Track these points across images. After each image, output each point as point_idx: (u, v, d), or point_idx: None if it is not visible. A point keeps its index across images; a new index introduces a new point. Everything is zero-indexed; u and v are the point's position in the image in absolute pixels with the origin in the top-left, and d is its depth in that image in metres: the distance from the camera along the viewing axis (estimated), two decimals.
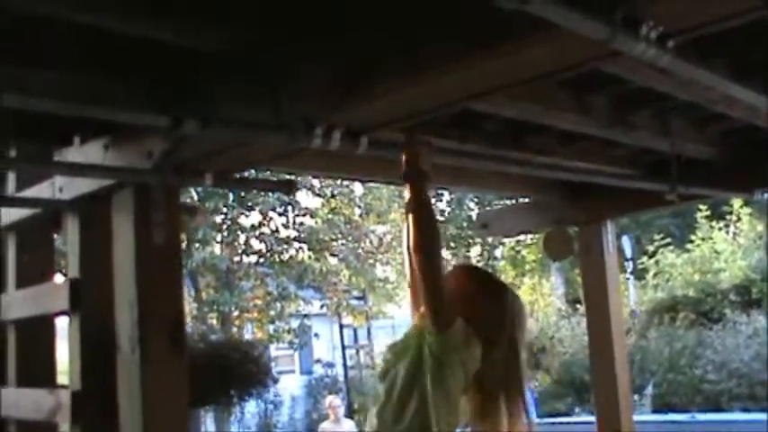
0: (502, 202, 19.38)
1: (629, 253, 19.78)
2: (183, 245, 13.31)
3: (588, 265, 5.90)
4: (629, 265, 19.67)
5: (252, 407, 18.00)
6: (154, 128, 2.69)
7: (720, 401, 15.09)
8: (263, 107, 2.52)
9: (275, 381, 13.83)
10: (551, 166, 4.34)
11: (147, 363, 3.07)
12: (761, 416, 13.28)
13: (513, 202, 6.78)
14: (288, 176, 3.73)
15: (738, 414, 14.03)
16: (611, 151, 4.79)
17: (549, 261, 22.91)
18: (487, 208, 15.74)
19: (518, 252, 22.73)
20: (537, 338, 18.05)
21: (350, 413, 17.46)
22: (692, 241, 18.98)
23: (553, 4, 1.60)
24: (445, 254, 23.23)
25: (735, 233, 18.89)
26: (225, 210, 13.51)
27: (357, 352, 22.72)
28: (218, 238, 13.87)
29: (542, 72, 2.19)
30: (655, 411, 14.96)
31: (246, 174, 3.49)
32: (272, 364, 13.88)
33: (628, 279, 19.35)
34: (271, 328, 14.35)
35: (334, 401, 12.46)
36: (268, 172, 3.98)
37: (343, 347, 22.20)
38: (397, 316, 24.32)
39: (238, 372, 12.03)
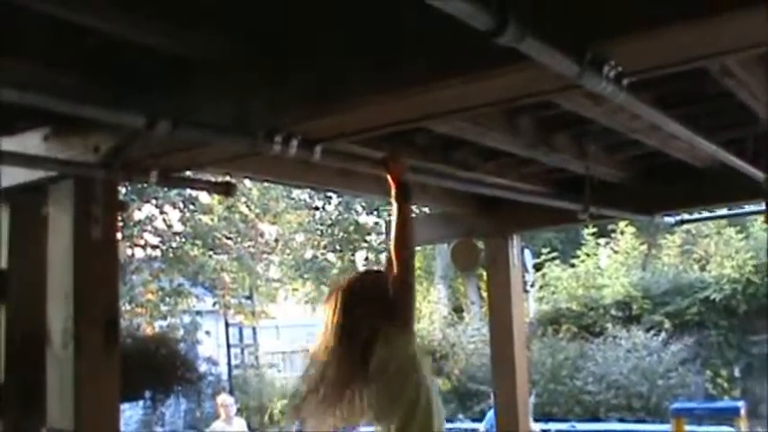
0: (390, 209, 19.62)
1: (530, 266, 20.19)
2: None
3: (494, 276, 6.10)
4: (530, 278, 20.05)
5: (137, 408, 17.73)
6: (102, 123, 2.72)
7: (599, 412, 15.54)
8: (229, 113, 2.59)
9: (201, 377, 13.64)
10: (472, 181, 4.50)
11: (81, 358, 3.08)
12: (637, 426, 13.81)
13: (426, 211, 6.90)
14: (227, 178, 3.79)
15: (615, 424, 14.50)
16: (526, 168, 4.99)
17: (433, 269, 23.24)
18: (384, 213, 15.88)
19: None
20: (440, 345, 18.26)
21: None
22: (577, 256, 19.48)
23: (540, 43, 1.72)
24: (332, 258, 23.36)
25: (618, 251, 19.47)
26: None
27: (242, 351, 22.56)
28: None
29: (507, 99, 2.32)
30: (536, 420, 15.29)
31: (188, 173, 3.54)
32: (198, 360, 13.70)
33: (528, 291, 19.75)
34: (162, 324, 14.16)
35: (226, 400, 12.33)
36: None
37: (229, 346, 22.02)
38: (281, 317, 24.30)
39: (164, 368, 11.85)
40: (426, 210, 6.92)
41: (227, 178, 3.82)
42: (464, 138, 3.89)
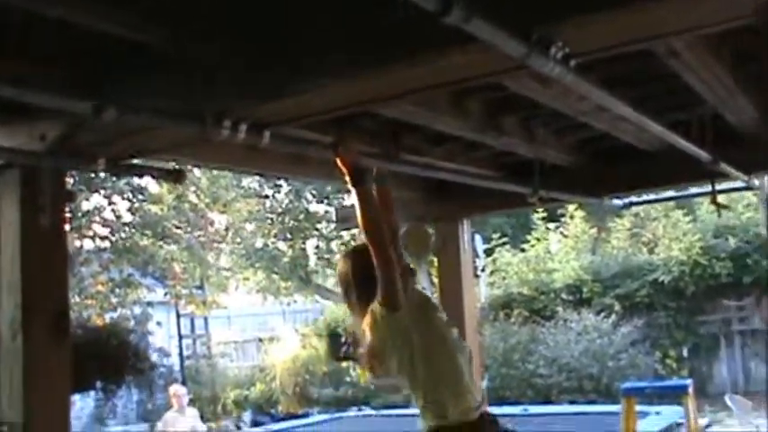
0: (341, 196, 19.59)
1: (480, 251, 20.25)
2: None
3: (445, 261, 6.12)
4: (481, 262, 20.13)
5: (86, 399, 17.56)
6: (48, 110, 2.69)
7: (551, 394, 15.68)
8: (176, 96, 2.56)
9: (153, 367, 13.52)
10: (422, 165, 4.50)
11: (30, 350, 3.03)
12: (588, 407, 13.95)
13: None
14: (176, 166, 3.75)
15: (567, 406, 14.63)
16: (475, 153, 5.01)
17: None
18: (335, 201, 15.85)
19: None
20: None
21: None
22: (527, 241, 19.62)
23: (487, 23, 1.72)
24: (283, 245, 23.25)
25: (567, 235, 19.64)
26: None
27: (194, 341, 22.46)
28: None
29: (455, 80, 2.33)
30: (489, 404, 15.37)
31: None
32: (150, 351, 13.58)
33: (479, 276, 19.83)
34: (112, 315, 14.00)
35: (179, 390, 12.30)
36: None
37: (180, 337, 21.90)
38: (232, 306, 24.19)
39: (116, 359, 11.71)
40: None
41: (176, 165, 3.78)
42: (413, 122, 3.90)
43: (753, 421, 9.81)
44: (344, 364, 19.48)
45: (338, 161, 3.36)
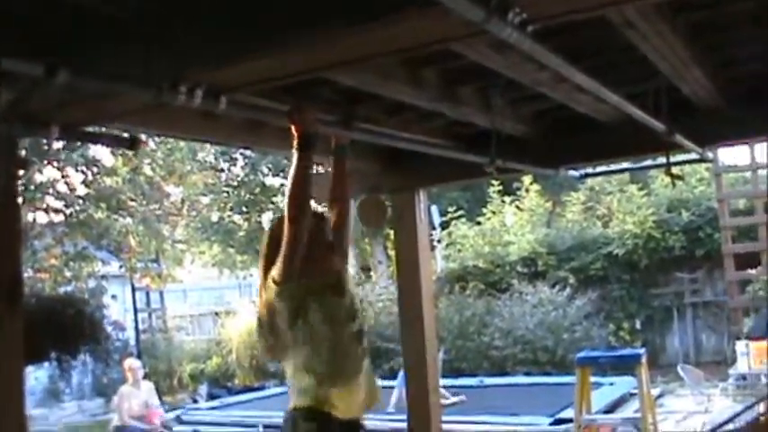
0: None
1: (437, 222, 20.26)
2: None
3: (401, 232, 6.12)
4: (437, 234, 20.16)
5: (41, 373, 17.41)
6: None
7: (506, 366, 15.79)
8: (133, 62, 2.53)
9: (108, 338, 13.35)
10: (378, 134, 4.49)
11: None
12: (542, 379, 14.09)
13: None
14: (132, 134, 3.71)
15: (522, 378, 14.76)
16: (431, 123, 5.01)
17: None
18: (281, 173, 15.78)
19: None
20: None
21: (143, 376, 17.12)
22: (483, 214, 19.69)
23: None
24: (239, 219, 23.15)
25: (523, 208, 19.74)
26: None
27: (149, 315, 22.34)
28: None
29: (413, 46, 2.31)
30: (444, 376, 15.43)
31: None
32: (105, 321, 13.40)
33: (435, 247, 19.86)
34: (66, 289, 13.84)
35: (133, 364, 12.19)
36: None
37: (135, 311, 21.77)
38: (188, 280, 24.07)
39: (71, 329, 11.52)
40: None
41: (131, 133, 3.73)
42: (370, 91, 3.88)
43: (704, 391, 9.97)
44: None
45: (292, 127, 3.36)
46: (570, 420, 8.45)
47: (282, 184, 21.64)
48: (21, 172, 12.37)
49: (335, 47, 2.35)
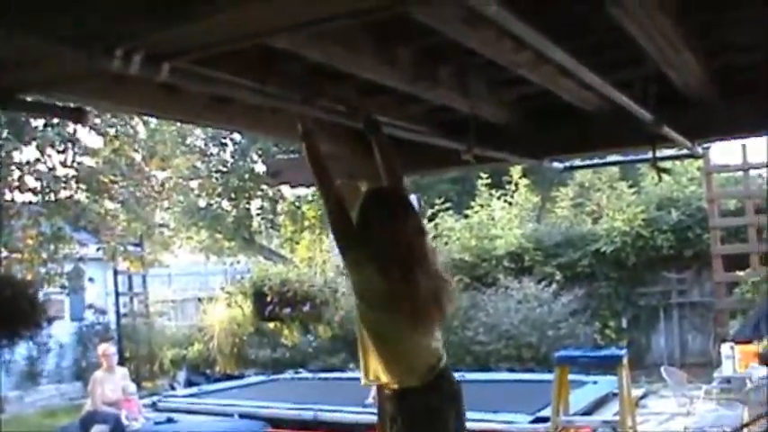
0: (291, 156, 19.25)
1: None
2: None
3: None
4: None
5: (12, 353, 17.18)
6: None
7: (489, 362, 15.65)
8: (66, 24, 2.28)
9: (50, 322, 13.00)
10: (351, 116, 4.25)
11: None
12: (525, 375, 13.93)
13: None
14: (77, 104, 3.46)
15: (505, 374, 14.61)
16: (408, 109, 4.77)
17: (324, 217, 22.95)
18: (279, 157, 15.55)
19: (298, 208, 22.58)
20: (321, 291, 18.14)
21: (122, 361, 16.95)
22: (471, 207, 19.49)
23: None
24: (227, 205, 22.95)
25: (511, 203, 19.54)
26: None
27: (131, 299, 22.10)
28: None
29: (346, 10, 2.08)
30: None
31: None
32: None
33: None
34: (42, 270, 13.57)
35: (108, 349, 11.95)
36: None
37: (117, 294, 21.53)
38: (174, 265, 23.84)
39: (8, 310, 11.10)
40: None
41: (77, 105, 3.47)
42: (342, 70, 3.64)
43: (687, 393, 9.79)
44: (271, 324, 19.30)
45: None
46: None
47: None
48: None
49: (273, 9, 2.12)
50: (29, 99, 3.12)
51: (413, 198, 16.17)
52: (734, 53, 4.38)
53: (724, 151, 20.79)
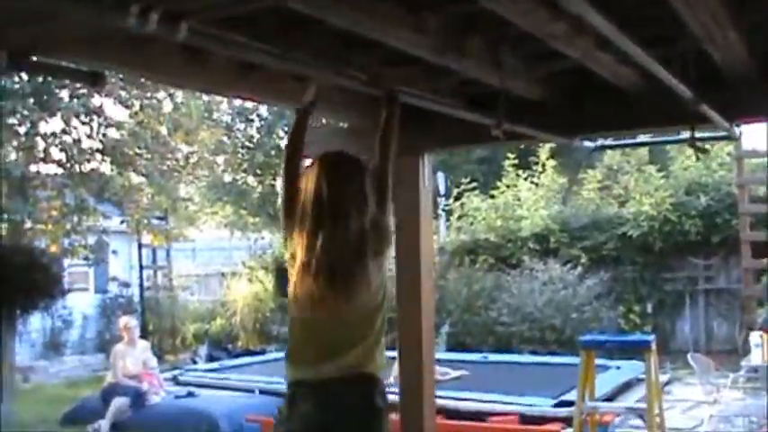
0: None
1: (442, 190, 19.93)
2: None
3: (402, 197, 5.71)
4: (442, 202, 19.85)
5: (37, 323, 17.24)
6: None
7: (512, 343, 15.56)
8: None
9: (64, 293, 12.95)
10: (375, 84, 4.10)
11: None
12: (548, 358, 13.82)
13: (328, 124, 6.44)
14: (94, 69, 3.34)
15: (528, 356, 14.52)
16: (437, 81, 4.63)
17: None
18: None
19: None
20: None
21: (144, 334, 16.99)
22: (497, 188, 19.35)
23: None
24: (253, 181, 22.89)
25: (538, 184, 19.38)
26: (25, 112, 12.56)
27: (155, 273, 22.15)
28: (14, 142, 12.89)
29: None
30: (449, 350, 15.30)
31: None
32: (65, 276, 12.98)
33: (440, 216, 19.56)
34: (66, 242, 13.54)
35: (130, 322, 11.93)
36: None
37: (141, 267, 21.59)
38: (199, 239, 23.85)
39: (22, 280, 11.05)
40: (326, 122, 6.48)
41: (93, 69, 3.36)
42: (367, 36, 3.49)
43: (713, 381, 9.63)
44: None
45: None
46: (574, 403, 8.13)
47: None
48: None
49: None
50: (43, 60, 3.01)
51: (439, 177, 16.06)
52: None
53: (755, 136, 20.46)
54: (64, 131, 13.25)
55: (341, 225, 3.43)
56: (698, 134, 5.09)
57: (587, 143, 5.92)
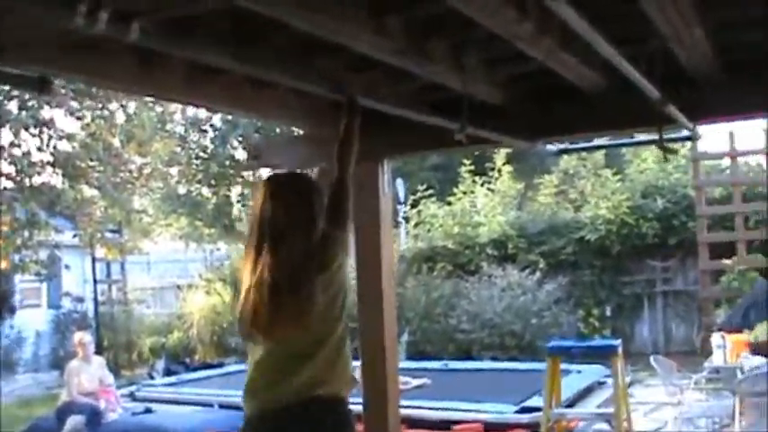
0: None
1: (401, 196, 19.85)
2: None
3: (361, 204, 5.60)
4: (402, 209, 19.78)
5: None
6: None
7: (472, 350, 15.50)
8: None
9: (14, 310, 12.71)
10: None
11: None
12: (509, 364, 13.76)
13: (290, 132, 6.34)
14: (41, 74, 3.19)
15: (489, 363, 14.45)
16: (400, 86, 4.53)
17: None
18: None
19: None
20: None
21: (100, 350, 16.67)
22: (453, 194, 19.32)
23: None
24: (207, 192, 22.66)
25: (495, 190, 19.38)
26: None
27: (109, 287, 21.82)
28: None
29: None
30: (409, 358, 15.19)
31: None
32: (15, 292, 12.73)
33: (400, 223, 19.49)
34: (16, 257, 13.26)
35: (84, 338, 11.64)
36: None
37: (95, 282, 21.26)
38: (153, 252, 23.54)
39: None
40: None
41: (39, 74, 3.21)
42: (327, 40, 3.38)
43: (676, 382, 9.61)
44: None
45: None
46: (537, 409, 8.06)
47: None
48: None
49: None
50: None
51: (398, 183, 15.93)
52: (739, 31, 4.16)
53: (710, 138, 20.66)
54: (13, 144, 12.96)
55: (283, 247, 3.37)
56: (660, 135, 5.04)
57: (550, 146, 5.85)
